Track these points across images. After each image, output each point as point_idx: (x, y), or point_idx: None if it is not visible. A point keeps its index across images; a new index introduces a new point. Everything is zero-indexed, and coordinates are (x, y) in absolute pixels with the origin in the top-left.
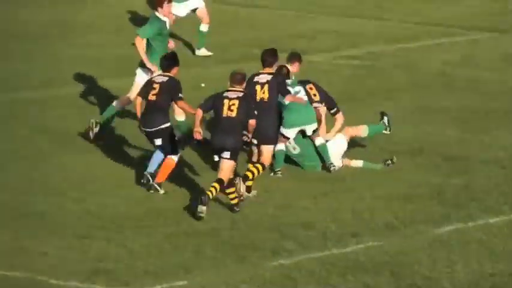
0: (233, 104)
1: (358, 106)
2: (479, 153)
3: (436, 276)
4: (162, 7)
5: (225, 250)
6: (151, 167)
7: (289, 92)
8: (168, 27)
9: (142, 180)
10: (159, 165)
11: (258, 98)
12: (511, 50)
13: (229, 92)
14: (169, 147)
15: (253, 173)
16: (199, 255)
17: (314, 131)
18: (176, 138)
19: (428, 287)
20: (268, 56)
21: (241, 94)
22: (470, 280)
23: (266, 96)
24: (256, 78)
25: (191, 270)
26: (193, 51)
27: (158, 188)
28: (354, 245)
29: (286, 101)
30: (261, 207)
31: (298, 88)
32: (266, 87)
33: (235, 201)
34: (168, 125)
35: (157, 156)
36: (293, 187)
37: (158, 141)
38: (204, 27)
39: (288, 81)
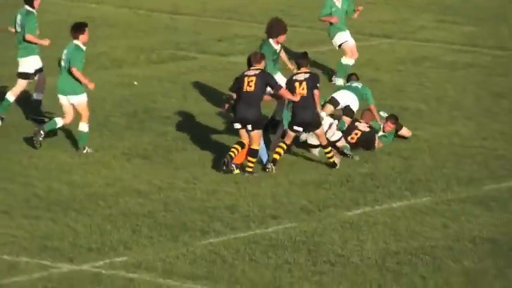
0: (251, 81)
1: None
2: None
3: (347, 254)
4: (275, 37)
5: (160, 230)
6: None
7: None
8: (278, 53)
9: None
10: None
11: (298, 93)
12: (404, 55)
13: (248, 71)
14: None
15: (280, 153)
16: (136, 234)
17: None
18: None
19: (340, 263)
20: (300, 59)
21: (258, 71)
22: (377, 257)
23: (305, 92)
24: (295, 77)
25: (130, 247)
26: None
27: (235, 168)
28: (275, 226)
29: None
30: (191, 192)
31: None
32: (304, 84)
33: (250, 169)
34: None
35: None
36: (218, 174)
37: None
38: (346, 60)
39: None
